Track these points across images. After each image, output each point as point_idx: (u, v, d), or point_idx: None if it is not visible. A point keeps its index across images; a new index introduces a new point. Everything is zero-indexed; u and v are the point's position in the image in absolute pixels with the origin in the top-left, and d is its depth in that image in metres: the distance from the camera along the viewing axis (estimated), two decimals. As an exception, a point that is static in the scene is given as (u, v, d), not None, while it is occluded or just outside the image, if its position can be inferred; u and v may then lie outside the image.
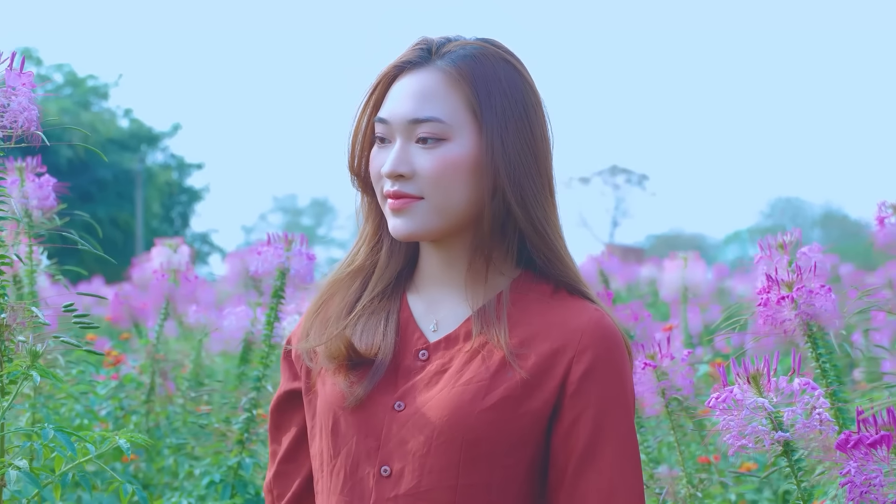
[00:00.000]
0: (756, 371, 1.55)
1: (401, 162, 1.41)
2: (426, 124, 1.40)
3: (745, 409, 1.53)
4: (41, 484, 1.79)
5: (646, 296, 7.88)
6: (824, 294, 1.97)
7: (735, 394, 1.54)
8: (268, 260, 2.66)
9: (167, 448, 3.17)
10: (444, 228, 1.43)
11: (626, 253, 18.25)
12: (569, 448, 1.38)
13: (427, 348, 1.45)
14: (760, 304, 1.99)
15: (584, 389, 1.38)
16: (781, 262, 2.42)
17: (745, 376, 1.56)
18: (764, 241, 2.48)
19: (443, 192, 1.41)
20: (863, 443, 1.35)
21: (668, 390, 2.16)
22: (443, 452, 1.36)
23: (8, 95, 1.63)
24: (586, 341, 1.39)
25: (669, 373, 2.16)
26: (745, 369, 1.56)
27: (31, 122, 1.64)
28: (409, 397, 1.41)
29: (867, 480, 1.35)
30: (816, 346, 1.99)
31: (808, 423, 1.53)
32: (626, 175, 46.79)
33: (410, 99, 1.42)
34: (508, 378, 1.38)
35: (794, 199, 45.39)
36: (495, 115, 1.41)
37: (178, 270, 3.34)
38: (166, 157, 33.90)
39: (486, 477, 1.37)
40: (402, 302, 1.50)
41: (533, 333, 1.41)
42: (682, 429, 2.25)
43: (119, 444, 1.71)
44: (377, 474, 1.39)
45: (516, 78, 1.45)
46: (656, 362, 2.16)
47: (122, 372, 3.37)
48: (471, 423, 1.36)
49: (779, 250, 2.47)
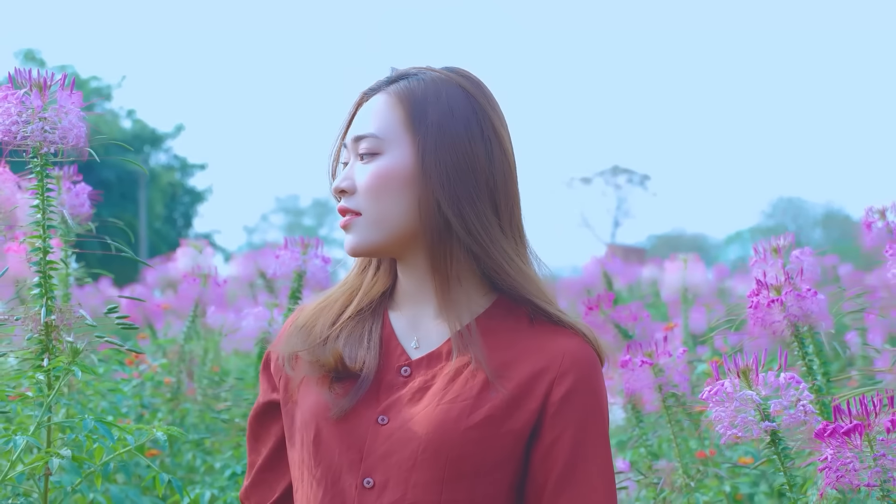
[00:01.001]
0: (746, 367, 1.69)
1: (344, 178, 1.48)
2: (364, 141, 1.47)
3: (736, 401, 1.67)
4: (83, 473, 1.94)
5: (647, 296, 7.99)
6: (811, 297, 2.11)
7: (726, 387, 1.67)
8: (285, 263, 2.82)
9: (187, 444, 3.30)
10: (387, 242, 1.48)
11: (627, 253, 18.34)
12: (548, 467, 1.42)
13: (409, 365, 1.48)
14: (751, 306, 2.13)
15: (564, 411, 1.42)
16: (775, 265, 2.57)
17: (736, 371, 1.69)
18: (758, 245, 2.62)
19: (376, 204, 1.46)
20: (838, 431, 1.49)
21: (664, 386, 2.29)
22: (428, 467, 1.39)
23: (59, 114, 1.77)
24: (567, 364, 1.43)
25: (666, 370, 2.29)
26: (736, 365, 1.69)
27: (80, 138, 1.79)
28: (393, 412, 1.44)
29: (843, 466, 1.49)
30: (803, 345, 2.13)
31: (793, 414, 1.66)
32: (628, 175, 46.93)
33: (358, 121, 1.50)
34: (492, 398, 1.41)
35: (795, 199, 45.44)
36: (429, 130, 1.46)
37: (208, 275, 3.46)
38: (169, 158, 34.03)
39: (469, 493, 1.40)
40: (384, 319, 1.53)
41: (514, 356, 1.45)
42: (679, 423, 2.39)
43: (156, 436, 1.85)
44: (359, 485, 1.41)
45: (461, 98, 1.49)
46: (653, 359, 2.29)
47: (142, 370, 3.50)
48: (456, 439, 1.39)
49: (773, 254, 2.61)
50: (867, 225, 2.69)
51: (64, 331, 1.78)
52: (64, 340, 1.75)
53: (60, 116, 1.77)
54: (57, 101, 1.78)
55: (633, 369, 2.33)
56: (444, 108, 1.47)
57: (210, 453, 3.33)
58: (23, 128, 1.76)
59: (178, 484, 1.88)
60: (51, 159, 1.82)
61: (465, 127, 1.48)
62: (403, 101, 1.48)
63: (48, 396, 1.75)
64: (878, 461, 1.48)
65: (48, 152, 1.81)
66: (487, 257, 1.46)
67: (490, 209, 1.48)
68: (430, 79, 1.50)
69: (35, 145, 1.79)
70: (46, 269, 1.84)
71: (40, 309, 1.78)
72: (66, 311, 1.79)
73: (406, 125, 1.47)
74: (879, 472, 1.48)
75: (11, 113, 1.75)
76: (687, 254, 5.70)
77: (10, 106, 1.76)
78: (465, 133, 1.47)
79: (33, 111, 1.77)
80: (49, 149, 1.80)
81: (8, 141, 1.77)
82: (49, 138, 1.78)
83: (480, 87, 1.52)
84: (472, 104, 1.50)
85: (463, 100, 1.49)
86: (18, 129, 1.76)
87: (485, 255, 1.46)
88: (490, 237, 1.47)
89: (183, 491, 1.86)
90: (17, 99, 1.77)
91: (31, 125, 1.77)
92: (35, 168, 1.81)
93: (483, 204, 1.47)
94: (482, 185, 1.47)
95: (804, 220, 42.77)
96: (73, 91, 1.79)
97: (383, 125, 1.47)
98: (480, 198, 1.47)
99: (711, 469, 2.63)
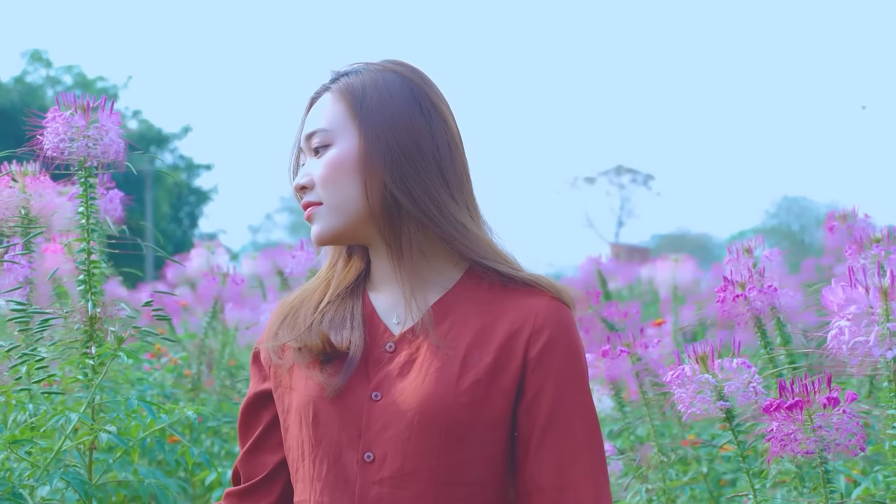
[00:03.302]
0: (703, 353, 1.93)
1: (302, 175, 1.56)
2: (315, 136, 1.54)
3: (695, 384, 1.91)
4: (118, 450, 2.19)
5: (646, 295, 8.22)
6: (772, 293, 2.35)
7: (686, 371, 1.91)
8: (301, 262, 3.09)
9: (206, 431, 3.55)
10: (347, 227, 1.54)
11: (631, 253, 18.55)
12: (531, 418, 1.48)
13: (393, 340, 1.53)
14: (719, 300, 2.37)
15: (543, 364, 1.49)
16: (747, 264, 2.81)
17: (695, 358, 1.93)
18: (732, 246, 2.86)
19: (333, 191, 1.52)
20: (782, 407, 1.73)
21: (641, 373, 2.54)
22: (423, 436, 1.45)
23: (101, 132, 2.02)
24: (540, 321, 1.50)
25: (643, 358, 2.54)
26: (695, 352, 1.93)
27: (119, 153, 2.04)
28: (385, 387, 1.49)
29: (787, 436, 1.73)
30: (764, 335, 2.37)
31: (745, 394, 1.90)
32: (632, 175, 47.14)
33: (308, 121, 1.58)
34: (475, 363, 1.47)
35: (799, 199, 45.52)
36: (370, 114, 1.52)
37: (226, 273, 3.71)
38: (175, 159, 34.30)
39: (464, 457, 1.46)
40: (364, 299, 1.59)
41: (493, 319, 1.51)
42: (658, 408, 2.63)
43: (188, 415, 2.10)
44: (361, 460, 1.47)
45: (397, 82, 1.56)
46: (631, 349, 2.55)
47: (163, 363, 3.75)
48: (447, 406, 1.44)
49: (745, 254, 2.85)
50: (830, 228, 2.94)
51: (107, 322, 2.02)
52: (108, 330, 1.99)
53: (102, 134, 2.02)
54: (99, 121, 2.03)
55: (613, 358, 2.58)
56: (382, 92, 1.54)
57: (227, 440, 3.57)
58: (69, 144, 2.01)
59: (206, 457, 2.13)
60: (93, 171, 2.06)
61: (404, 106, 1.54)
62: (345, 94, 1.55)
63: (96, 379, 1.99)
64: (816, 432, 1.71)
65: (91, 165, 2.05)
66: (438, 228, 1.52)
67: (439, 181, 1.53)
68: (367, 70, 1.57)
69: (80, 159, 2.04)
70: (90, 268, 2.08)
71: (86, 303, 2.03)
72: (109, 304, 2.03)
73: (350, 114, 1.53)
74: (817, 442, 1.71)
75: (60, 132, 2.01)
76: (678, 254, 5.96)
77: (59, 126, 2.02)
78: (404, 112, 1.54)
79: (78, 130, 2.02)
80: (92, 162, 2.05)
81: (56, 156, 2.02)
82: (92, 153, 2.03)
83: (416, 72, 1.59)
84: (408, 86, 1.56)
85: (399, 83, 1.56)
86: (66, 146, 2.01)
87: (435, 227, 1.52)
88: (439, 208, 1.52)
89: (211, 464, 2.10)
90: (64, 120, 2.02)
91: (77, 142, 2.02)
92: (80, 179, 2.06)
93: (431, 176, 1.53)
94: (429, 158, 1.53)
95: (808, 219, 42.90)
96: (113, 112, 2.04)
97: (329, 118, 1.54)
98: (428, 171, 1.53)
99: (691, 452, 2.88)
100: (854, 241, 2.59)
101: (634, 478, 2.53)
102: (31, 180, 2.46)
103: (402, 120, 1.53)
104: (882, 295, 1.42)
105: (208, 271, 3.80)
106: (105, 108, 2.05)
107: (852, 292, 1.41)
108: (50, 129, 2.02)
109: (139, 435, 2.12)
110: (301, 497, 1.53)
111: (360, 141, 1.52)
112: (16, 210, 2.43)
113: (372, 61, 1.60)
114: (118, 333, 1.96)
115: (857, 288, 1.42)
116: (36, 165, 2.47)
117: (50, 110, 2.04)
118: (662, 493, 2.50)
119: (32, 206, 2.46)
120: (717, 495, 3.00)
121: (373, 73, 1.56)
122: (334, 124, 1.54)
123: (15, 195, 2.43)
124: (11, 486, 1.89)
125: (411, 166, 1.51)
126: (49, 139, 2.01)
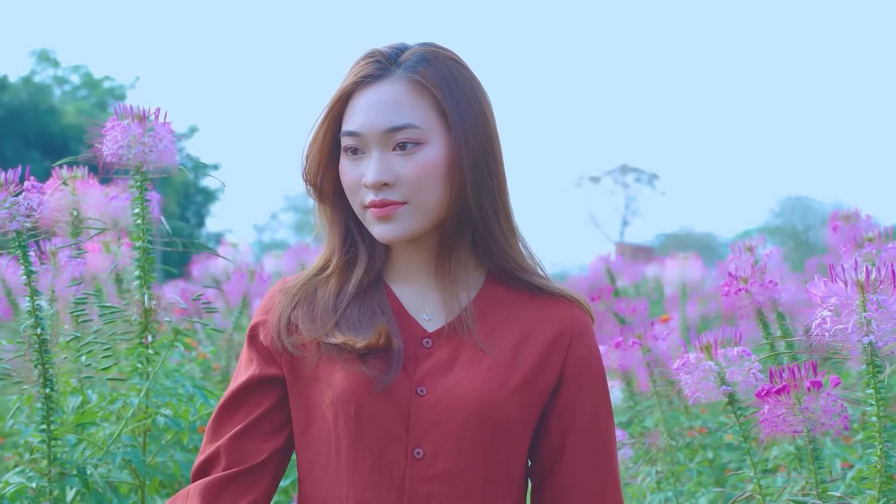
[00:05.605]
0: (708, 343, 2.11)
1: (384, 171, 1.45)
2: (403, 131, 1.45)
3: (699, 371, 2.08)
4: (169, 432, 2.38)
5: (652, 293, 8.39)
6: (772, 287, 2.53)
7: (692, 359, 2.09)
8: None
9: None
10: (426, 228, 1.49)
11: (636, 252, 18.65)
12: (566, 423, 1.52)
13: (430, 336, 1.51)
14: (723, 294, 2.55)
15: (581, 371, 1.53)
16: (749, 261, 2.99)
17: (700, 347, 2.11)
18: (735, 245, 3.04)
19: (424, 194, 1.46)
20: (772, 391, 1.90)
21: (651, 363, 2.72)
22: (478, 433, 1.44)
23: (156, 140, 2.20)
24: (577, 329, 1.54)
25: (654, 349, 2.73)
26: (700, 341, 2.11)
27: (172, 159, 2.22)
28: (429, 382, 1.47)
29: (777, 417, 1.90)
30: (766, 326, 2.55)
31: (745, 380, 2.08)
32: (637, 174, 47.22)
33: (382, 110, 1.46)
34: (521, 363, 1.48)
35: (804, 198, 45.41)
36: (459, 115, 1.47)
37: (254, 271, 3.90)
38: (182, 158, 34.44)
39: (509, 454, 1.48)
40: (389, 292, 1.55)
41: (531, 325, 1.52)
42: (664, 394, 2.81)
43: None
44: (409, 456, 1.44)
45: (469, 77, 1.51)
46: (642, 340, 2.73)
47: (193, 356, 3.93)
48: (501, 403, 1.45)
49: (747, 252, 3.04)
50: (833, 228, 3.11)
51: (160, 314, 2.21)
52: (164, 322, 2.17)
53: (156, 141, 2.20)
54: (154, 129, 2.21)
55: (625, 349, 2.77)
56: (463, 89, 1.49)
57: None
58: (126, 151, 2.20)
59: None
60: (148, 175, 2.25)
61: (482, 108, 1.51)
62: (429, 88, 1.47)
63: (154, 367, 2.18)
64: (803, 413, 1.89)
65: (147, 170, 2.24)
66: (491, 238, 1.51)
67: (504, 191, 1.53)
68: (434, 58, 1.50)
69: (136, 165, 2.22)
70: (146, 264, 2.26)
71: (143, 296, 2.21)
72: (161, 297, 2.22)
73: (440, 113, 1.47)
74: (804, 422, 1.89)
75: (118, 139, 2.19)
76: (686, 252, 6.15)
77: (117, 134, 2.20)
78: (482, 114, 1.50)
79: (135, 138, 2.20)
80: (148, 168, 2.23)
81: (115, 162, 2.20)
82: (148, 159, 2.21)
83: (465, 62, 1.54)
84: (475, 82, 1.52)
85: (470, 78, 1.52)
86: (124, 153, 2.19)
87: (488, 235, 1.51)
88: (498, 218, 1.51)
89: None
90: (122, 128, 2.20)
91: (133, 149, 2.20)
92: (136, 183, 2.24)
93: (500, 186, 1.52)
94: (499, 168, 1.52)
95: (812, 218, 42.92)
96: (166, 122, 2.23)
97: (419, 114, 1.46)
98: (498, 181, 1.51)
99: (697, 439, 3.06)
100: (848, 240, 2.77)
101: (644, 461, 2.71)
102: (81, 184, 2.66)
103: (483, 126, 1.50)
104: (859, 288, 1.59)
105: (237, 269, 3.98)
106: (159, 117, 2.23)
107: (833, 286, 1.60)
108: (109, 137, 2.20)
109: (190, 418, 2.30)
110: (330, 493, 1.48)
111: (451, 145, 1.47)
112: (67, 212, 2.62)
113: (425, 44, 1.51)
114: (176, 325, 2.14)
115: (837, 282, 1.60)
116: (85, 170, 2.66)
117: (109, 120, 2.22)
118: (671, 475, 2.68)
119: (82, 209, 2.65)
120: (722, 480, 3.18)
121: (446, 65, 1.50)
122: (425, 122, 1.46)
123: (66, 198, 2.63)
124: (77, 465, 2.07)
125: (489, 176, 1.49)
126: (108, 146, 2.19)
